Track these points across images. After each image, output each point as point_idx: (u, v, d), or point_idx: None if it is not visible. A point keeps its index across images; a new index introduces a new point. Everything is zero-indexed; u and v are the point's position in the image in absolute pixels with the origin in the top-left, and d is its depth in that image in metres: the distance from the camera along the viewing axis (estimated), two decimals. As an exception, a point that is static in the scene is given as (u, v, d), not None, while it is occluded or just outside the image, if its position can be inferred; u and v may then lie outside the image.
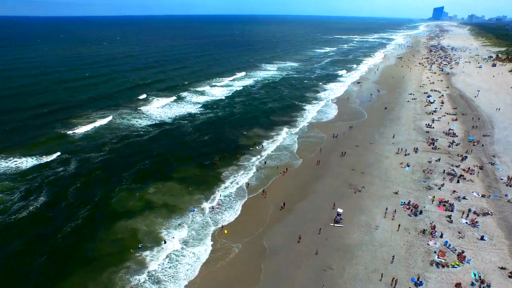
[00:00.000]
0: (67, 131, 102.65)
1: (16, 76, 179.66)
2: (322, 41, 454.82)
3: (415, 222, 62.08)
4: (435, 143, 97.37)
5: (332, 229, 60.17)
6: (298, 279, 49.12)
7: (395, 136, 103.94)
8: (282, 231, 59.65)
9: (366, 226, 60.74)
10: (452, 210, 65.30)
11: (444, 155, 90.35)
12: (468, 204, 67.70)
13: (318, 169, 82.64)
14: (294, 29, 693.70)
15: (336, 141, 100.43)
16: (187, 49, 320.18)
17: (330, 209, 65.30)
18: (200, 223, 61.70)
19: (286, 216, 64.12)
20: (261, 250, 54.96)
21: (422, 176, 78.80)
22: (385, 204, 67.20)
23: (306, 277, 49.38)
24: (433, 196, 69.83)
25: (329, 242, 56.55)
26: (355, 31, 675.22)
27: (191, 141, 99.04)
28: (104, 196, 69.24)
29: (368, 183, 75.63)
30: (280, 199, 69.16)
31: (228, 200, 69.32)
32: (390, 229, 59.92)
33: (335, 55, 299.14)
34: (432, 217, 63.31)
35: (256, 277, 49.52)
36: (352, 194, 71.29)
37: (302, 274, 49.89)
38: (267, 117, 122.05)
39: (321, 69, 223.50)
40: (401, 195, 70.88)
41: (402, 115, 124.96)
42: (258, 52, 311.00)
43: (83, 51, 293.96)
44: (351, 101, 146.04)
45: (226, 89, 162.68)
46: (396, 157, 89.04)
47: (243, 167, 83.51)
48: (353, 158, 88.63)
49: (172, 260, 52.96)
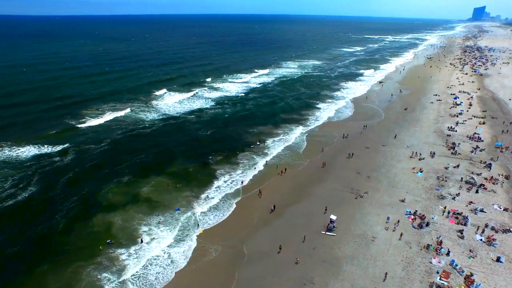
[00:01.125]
0: (77, 123, 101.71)
1: (46, 70, 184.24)
2: (351, 40, 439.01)
3: (420, 235, 53.96)
4: (455, 147, 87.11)
5: (322, 237, 53.46)
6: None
7: (411, 138, 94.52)
8: (266, 236, 53.72)
9: (362, 237, 53.46)
10: (465, 224, 56.43)
11: (465, 161, 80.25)
12: (485, 218, 58.43)
13: (320, 170, 75.67)
14: (325, 29, 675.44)
15: (346, 142, 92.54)
16: (214, 47, 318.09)
17: (325, 215, 58.45)
18: (182, 223, 57.04)
19: (275, 220, 58.06)
20: (240, 256, 49.41)
21: (436, 184, 69.78)
22: (387, 213, 59.41)
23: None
24: (445, 206, 61.02)
25: (316, 252, 49.97)
26: (387, 31, 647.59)
27: (194, 136, 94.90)
28: (92, 189, 66.41)
29: (373, 189, 67.81)
30: (275, 200, 63.24)
31: (218, 200, 64.18)
32: (389, 241, 52.32)
33: (362, 55, 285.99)
34: (440, 231, 54.87)
35: (227, 286, 44.06)
36: (353, 200, 63.91)
37: (278, 286, 43.84)
38: (277, 115, 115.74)
39: (344, 68, 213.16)
40: (408, 203, 62.64)
41: (422, 117, 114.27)
42: (283, 50, 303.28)
43: (112, 47, 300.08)
44: (370, 100, 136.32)
45: (243, 86, 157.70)
46: (409, 162, 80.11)
47: (242, 165, 78.14)
48: (360, 161, 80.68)
49: (144, 261, 48.59)
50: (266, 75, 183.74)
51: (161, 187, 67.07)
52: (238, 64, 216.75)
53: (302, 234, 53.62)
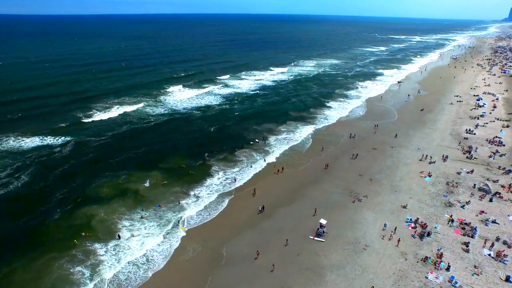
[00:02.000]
0: (85, 117, 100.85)
1: (70, 65, 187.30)
2: (375, 40, 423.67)
3: (418, 245, 48.28)
4: (471, 151, 79.46)
5: (310, 243, 48.92)
6: (246, 300, 39.36)
7: (424, 140, 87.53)
8: (249, 238, 49.78)
9: (353, 244, 48.46)
10: (472, 236, 50.12)
11: (481, 166, 72.82)
12: (498, 230, 51.77)
13: (320, 171, 70.75)
14: (350, 29, 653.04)
15: (353, 142, 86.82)
16: (235, 45, 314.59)
17: (316, 218, 53.75)
18: (165, 220, 54.10)
19: (262, 221, 53.99)
20: (217, 258, 45.81)
21: (444, 190, 63.27)
22: (385, 219, 53.94)
23: (257, 299, 39.40)
24: (450, 215, 54.72)
25: (300, 259, 45.56)
26: (415, 32, 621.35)
27: (195, 132, 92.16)
28: (83, 181, 64.85)
29: (374, 192, 62.28)
30: (268, 200, 59.32)
31: (208, 198, 60.81)
32: (382, 251, 47.06)
33: (384, 54, 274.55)
34: (442, 242, 48.92)
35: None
36: (349, 204, 58.75)
37: (252, 295, 39.94)
38: (286, 112, 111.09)
39: (363, 67, 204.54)
40: (410, 210, 56.78)
41: (439, 118, 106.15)
42: (304, 49, 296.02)
43: (134, 44, 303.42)
44: (385, 100, 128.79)
45: (256, 83, 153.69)
46: (418, 165, 73.62)
47: (239, 162, 74.51)
48: (365, 162, 74.98)
49: (119, 258, 46.03)
50: (282, 73, 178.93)
51: (151, 182, 64.54)
52: (256, 62, 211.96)
53: (289, 238, 49.33)
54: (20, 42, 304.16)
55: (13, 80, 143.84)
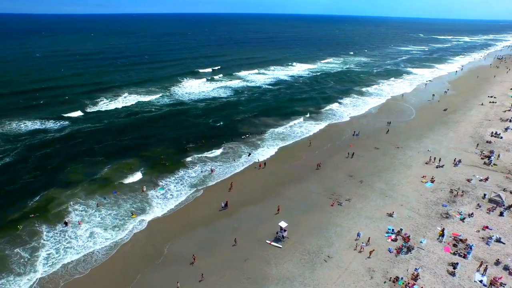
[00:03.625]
0: (91, 105, 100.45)
1: (100, 59, 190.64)
2: (416, 40, 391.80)
3: (393, 262, 39.42)
4: (492, 156, 66.99)
5: (264, 248, 41.91)
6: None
7: (438, 142, 76.03)
8: (199, 237, 43.79)
9: (314, 254, 40.70)
10: (465, 256, 40.18)
11: (500, 174, 60.73)
12: (501, 251, 41.27)
13: (307, 169, 62.86)
14: (393, 30, 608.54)
15: (354, 140, 77.49)
16: (272, 43, 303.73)
17: (282, 220, 46.47)
18: (121, 209, 49.86)
19: (219, 219, 47.76)
20: (156, 256, 40.43)
21: (445, 198, 52.84)
22: (363, 228, 45.38)
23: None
24: (442, 228, 44.76)
25: (245, 266, 38.79)
26: (465, 32, 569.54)
27: (190, 123, 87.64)
28: (59, 164, 62.65)
29: (359, 196, 53.50)
30: (238, 196, 53.22)
31: (176, 189, 55.75)
32: (346, 265, 38.89)
33: (420, 53, 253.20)
34: (424, 261, 39.60)
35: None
36: (327, 207, 50.63)
37: (175, 303, 33.99)
38: (291, 107, 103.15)
39: (392, 66, 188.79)
40: (396, 219, 47.55)
41: (463, 119, 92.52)
42: (337, 47, 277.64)
43: (167, 39, 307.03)
44: (405, 99, 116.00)
45: (274, 78, 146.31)
46: (422, 168, 63.10)
47: (222, 155, 69.03)
48: (360, 163, 65.81)
49: (60, 245, 42.36)
50: (304, 70, 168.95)
51: (123, 171, 60.69)
52: (284, 59, 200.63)
53: (242, 241, 42.73)
54: (63, 38, 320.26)
55: (42, 70, 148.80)
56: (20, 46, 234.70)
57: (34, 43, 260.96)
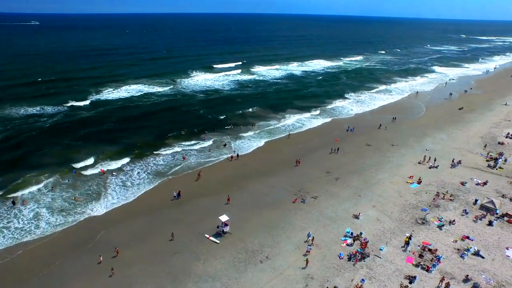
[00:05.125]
0: (95, 93, 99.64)
1: (125, 53, 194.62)
2: (452, 40, 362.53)
3: (338, 270, 33.37)
4: (499, 159, 57.43)
5: (200, 242, 37.47)
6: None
7: (441, 141, 67.14)
8: (137, 226, 40.25)
9: (252, 253, 35.61)
10: (428, 269, 33.16)
11: (503, 179, 51.62)
12: (476, 266, 33.75)
13: (283, 163, 57.38)
14: (430, 31, 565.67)
15: (346, 136, 70.62)
16: (300, 41, 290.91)
17: (237, 215, 41.74)
18: (78, 192, 47.69)
19: (166, 209, 43.97)
20: (86, 242, 37.41)
21: (428, 202, 45.26)
22: (318, 228, 39.51)
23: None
24: (409, 235, 37.68)
25: (172, 260, 34.62)
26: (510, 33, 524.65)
27: (182, 112, 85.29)
28: (37, 147, 62.10)
29: (330, 194, 47.35)
30: (198, 187, 49.38)
31: (138, 176, 52.79)
32: (283, 268, 33.46)
33: (451, 53, 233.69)
34: (376, 271, 33.15)
35: (31, 276, 32.69)
36: (288, 204, 45.08)
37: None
38: (292, 101, 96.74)
39: (415, 64, 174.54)
40: (361, 221, 41.07)
41: (479, 119, 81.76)
42: (366, 46, 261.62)
43: (191, 36, 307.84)
44: (420, 96, 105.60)
45: (285, 73, 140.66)
46: (413, 168, 55.31)
47: (199, 144, 65.52)
48: (344, 159, 59.17)
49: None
50: (319, 66, 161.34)
51: (96, 155, 58.70)
52: (304, 56, 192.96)
53: (181, 233, 38.60)
54: (98, 34, 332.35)
55: (64, 63, 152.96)
56: (58, 41, 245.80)
57: (68, 38, 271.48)
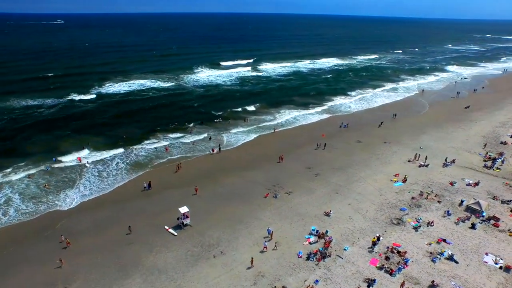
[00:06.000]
0: (97, 87, 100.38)
1: (137, 50, 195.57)
2: (475, 40, 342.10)
3: (293, 269, 30.90)
4: (498, 160, 52.84)
5: (158, 234, 35.94)
6: None
7: (439, 139, 62.89)
8: (99, 216, 39.15)
9: (208, 247, 33.70)
10: (391, 273, 30.13)
11: (499, 180, 47.32)
12: (447, 272, 30.50)
13: (267, 158, 55.04)
14: (454, 30, 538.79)
15: (338, 132, 67.54)
16: (317, 40, 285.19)
17: (203, 208, 40.02)
18: (54, 179, 47.35)
19: (134, 200, 42.71)
20: (44, 230, 36.71)
21: (409, 201, 41.80)
22: (284, 224, 37.11)
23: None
24: (377, 236, 34.60)
25: (124, 250, 33.28)
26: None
27: (177, 106, 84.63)
28: (26, 136, 62.98)
29: (305, 190, 44.76)
30: (178, 179, 48.00)
31: (118, 166, 51.95)
32: (236, 264, 31.33)
33: (470, 52, 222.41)
34: (334, 272, 30.44)
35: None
36: (259, 198, 42.84)
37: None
38: (291, 97, 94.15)
39: (428, 63, 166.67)
40: (331, 219, 38.34)
41: (485, 118, 76.39)
42: (383, 45, 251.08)
43: (205, 34, 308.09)
44: (426, 95, 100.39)
45: (291, 70, 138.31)
46: (401, 166, 51.74)
47: (187, 137, 64.34)
48: (330, 155, 56.24)
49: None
50: (327, 64, 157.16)
51: (81, 145, 58.35)
52: (315, 55, 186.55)
53: (143, 224, 37.20)
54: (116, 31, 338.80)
55: (78, 59, 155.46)
56: (77, 38, 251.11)
57: (87, 35, 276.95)
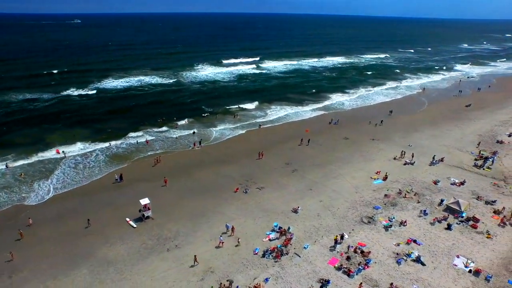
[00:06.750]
0: (96, 82, 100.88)
1: (144, 48, 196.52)
2: (492, 39, 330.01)
3: (246, 266, 29.20)
4: (490, 159, 49.53)
5: (118, 226, 34.90)
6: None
7: (432, 137, 59.82)
8: (66, 207, 38.38)
9: (163, 241, 32.41)
10: (349, 274, 27.97)
11: (487, 180, 44.24)
12: (411, 275, 28.20)
13: (247, 153, 53.36)
14: (472, 30, 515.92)
15: (327, 129, 65.30)
16: (327, 39, 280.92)
17: (169, 201, 38.76)
18: (31, 169, 47.20)
19: (104, 192, 41.92)
20: (12, 218, 36.15)
21: (383, 200, 39.34)
22: (246, 220, 35.41)
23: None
24: (338, 235, 32.40)
25: (80, 241, 32.44)
26: None
27: (170, 101, 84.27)
28: (15, 128, 63.24)
29: (278, 186, 42.94)
30: (154, 172, 47.08)
31: (96, 159, 51.36)
32: (186, 259, 29.80)
33: (483, 52, 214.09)
34: (288, 271, 28.55)
35: None
36: (228, 193, 41.28)
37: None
38: (286, 93, 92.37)
39: (438, 62, 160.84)
40: (299, 216, 36.42)
41: (484, 117, 72.51)
42: (394, 44, 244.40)
43: (216, 33, 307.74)
44: (427, 93, 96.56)
45: (292, 67, 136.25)
46: (385, 163, 49.18)
47: (172, 131, 63.39)
48: (312, 151, 54.14)
49: None
50: (331, 61, 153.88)
51: (65, 138, 58.19)
52: (321, 53, 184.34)
53: (105, 216, 36.36)
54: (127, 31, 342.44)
55: (85, 57, 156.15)
56: (90, 36, 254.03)
57: (100, 34, 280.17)
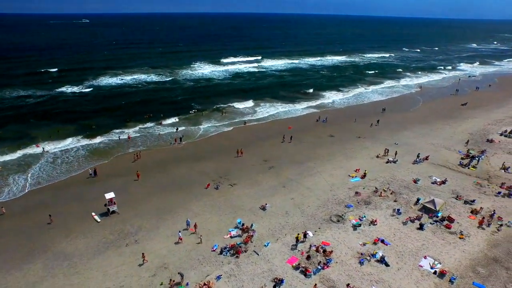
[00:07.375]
0: (91, 80, 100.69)
1: (147, 47, 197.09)
2: (502, 39, 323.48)
3: (201, 263, 28.13)
4: (476, 158, 47.45)
5: (84, 220, 34.21)
6: None
7: (419, 135, 57.84)
8: (37, 200, 37.94)
9: (123, 236, 31.61)
10: (306, 274, 26.62)
11: (470, 179, 42.31)
12: (372, 276, 26.75)
13: (227, 150, 52.22)
14: (484, 30, 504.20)
15: (314, 126, 63.85)
16: (332, 39, 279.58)
17: (137, 196, 37.98)
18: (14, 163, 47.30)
19: (76, 186, 41.34)
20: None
21: (358, 198, 37.78)
22: (211, 216, 34.32)
23: None
24: (301, 233, 31.00)
25: (41, 235, 31.88)
26: None
27: (160, 98, 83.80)
28: (6, 122, 63.27)
29: (251, 183, 41.85)
30: (131, 168, 46.14)
31: (79, 154, 50.94)
32: (137, 256, 28.70)
33: (489, 51, 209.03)
34: (244, 269, 27.36)
35: None
36: (198, 189, 40.31)
37: None
38: (278, 91, 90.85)
39: (438, 61, 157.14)
40: (265, 213, 35.23)
41: (479, 115, 70.07)
42: (400, 44, 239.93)
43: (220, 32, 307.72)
44: (423, 91, 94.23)
45: (290, 65, 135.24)
46: (366, 161, 47.57)
47: (153, 128, 62.54)
48: (294, 148, 52.82)
49: None
50: (330, 60, 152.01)
51: (49, 133, 57.85)
52: (323, 52, 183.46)
53: (72, 210, 35.78)
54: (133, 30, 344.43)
55: (86, 55, 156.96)
56: (95, 35, 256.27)
57: (107, 33, 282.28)
